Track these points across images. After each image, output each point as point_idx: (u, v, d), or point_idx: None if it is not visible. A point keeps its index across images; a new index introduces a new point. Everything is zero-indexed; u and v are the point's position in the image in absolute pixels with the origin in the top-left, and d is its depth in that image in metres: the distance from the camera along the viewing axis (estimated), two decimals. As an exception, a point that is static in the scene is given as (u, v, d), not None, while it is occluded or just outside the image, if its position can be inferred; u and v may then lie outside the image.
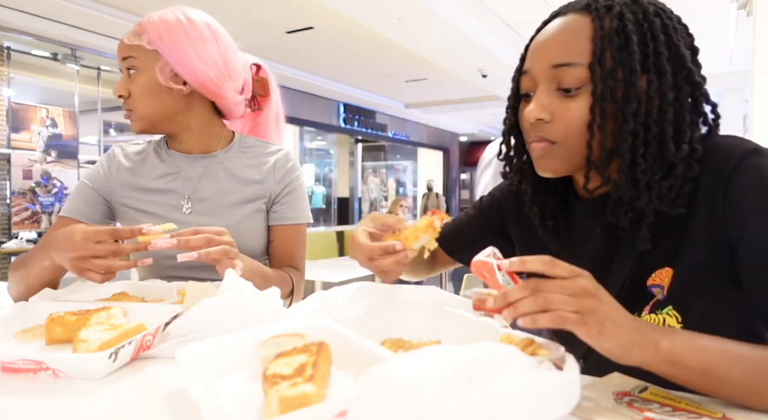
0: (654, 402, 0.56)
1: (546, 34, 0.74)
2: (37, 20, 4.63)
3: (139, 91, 1.11)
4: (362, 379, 0.41)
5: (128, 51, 1.10)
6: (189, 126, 1.19)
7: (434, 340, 0.68)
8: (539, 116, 0.71)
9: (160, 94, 1.12)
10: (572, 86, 0.69)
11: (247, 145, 1.25)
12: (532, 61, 0.75)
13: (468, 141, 14.87)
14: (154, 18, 1.10)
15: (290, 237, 1.23)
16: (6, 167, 5.22)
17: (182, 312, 0.80)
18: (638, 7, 0.70)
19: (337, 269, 4.31)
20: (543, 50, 0.73)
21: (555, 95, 0.71)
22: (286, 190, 1.23)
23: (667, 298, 0.70)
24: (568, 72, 0.69)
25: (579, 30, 0.70)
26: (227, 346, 0.63)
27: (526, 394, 0.43)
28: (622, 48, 0.67)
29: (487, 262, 0.58)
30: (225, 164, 1.21)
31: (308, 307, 0.77)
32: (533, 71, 0.74)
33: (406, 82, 7.97)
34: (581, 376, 0.49)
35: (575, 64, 0.69)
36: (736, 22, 4.17)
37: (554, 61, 0.71)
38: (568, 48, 0.70)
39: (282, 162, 1.23)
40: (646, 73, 0.68)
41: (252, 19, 5.03)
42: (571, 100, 0.70)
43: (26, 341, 0.77)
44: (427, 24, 5.02)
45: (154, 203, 1.18)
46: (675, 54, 0.69)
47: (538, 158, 0.75)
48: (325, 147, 11.63)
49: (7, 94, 5.27)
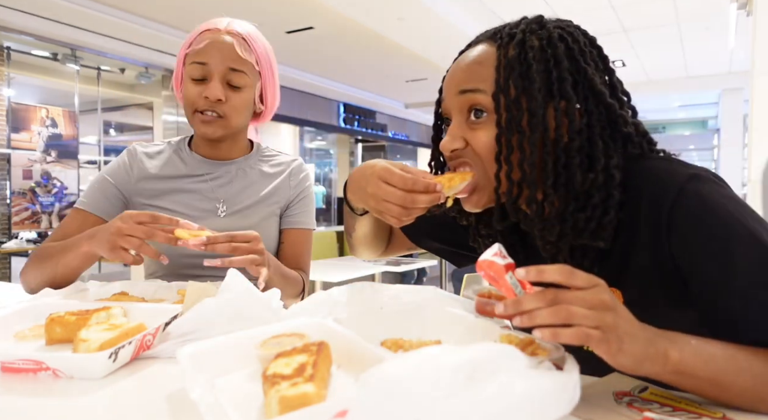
0: (654, 402, 0.56)
1: (458, 62, 0.74)
2: (37, 20, 4.63)
3: (242, 104, 1.16)
4: (362, 379, 0.41)
5: (241, 64, 1.13)
6: (236, 137, 1.26)
7: (434, 340, 0.68)
8: (452, 147, 0.71)
9: (249, 111, 1.20)
10: (480, 113, 0.69)
11: (265, 154, 1.33)
12: (445, 88, 0.75)
13: (468, 141, 14.88)
14: (255, 37, 1.18)
15: (299, 240, 1.29)
16: (6, 167, 5.22)
17: (182, 312, 0.80)
18: (544, 33, 0.69)
19: (337, 269, 4.30)
20: (452, 77, 0.74)
21: (465, 124, 0.71)
22: (300, 196, 1.30)
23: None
24: (473, 98, 0.69)
25: (485, 58, 0.70)
26: (227, 346, 0.63)
27: (526, 394, 0.43)
28: (524, 76, 0.66)
29: (495, 262, 0.53)
30: (246, 170, 1.27)
31: (308, 307, 0.77)
32: (446, 99, 0.74)
33: (406, 82, 7.97)
34: (581, 376, 0.49)
35: (479, 90, 0.69)
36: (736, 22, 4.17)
37: (460, 87, 0.71)
38: (474, 75, 0.70)
39: (297, 170, 1.32)
40: (552, 100, 0.67)
41: (252, 19, 5.01)
42: (478, 128, 0.70)
43: (26, 341, 0.77)
44: (427, 24, 5.02)
45: (184, 204, 1.20)
46: (581, 78, 0.67)
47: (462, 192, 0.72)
48: (325, 147, 11.63)
49: (7, 94, 5.27)
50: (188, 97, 1.14)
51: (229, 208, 1.22)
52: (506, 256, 0.54)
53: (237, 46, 1.13)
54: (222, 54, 1.12)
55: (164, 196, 1.21)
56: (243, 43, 1.15)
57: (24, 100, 5.75)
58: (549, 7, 4.91)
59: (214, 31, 1.15)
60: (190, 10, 4.74)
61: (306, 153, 10.60)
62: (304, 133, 9.69)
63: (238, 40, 1.14)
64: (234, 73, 1.13)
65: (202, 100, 1.12)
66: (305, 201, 1.31)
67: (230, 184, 1.24)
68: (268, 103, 1.25)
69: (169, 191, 1.21)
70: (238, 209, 1.23)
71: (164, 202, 1.21)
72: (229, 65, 1.12)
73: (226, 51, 1.12)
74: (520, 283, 0.53)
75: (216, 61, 1.12)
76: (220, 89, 1.12)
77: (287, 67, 6.94)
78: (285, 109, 8.03)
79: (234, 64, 1.13)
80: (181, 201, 1.21)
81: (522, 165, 0.66)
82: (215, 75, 1.12)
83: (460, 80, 0.71)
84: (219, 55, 1.12)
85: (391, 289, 0.82)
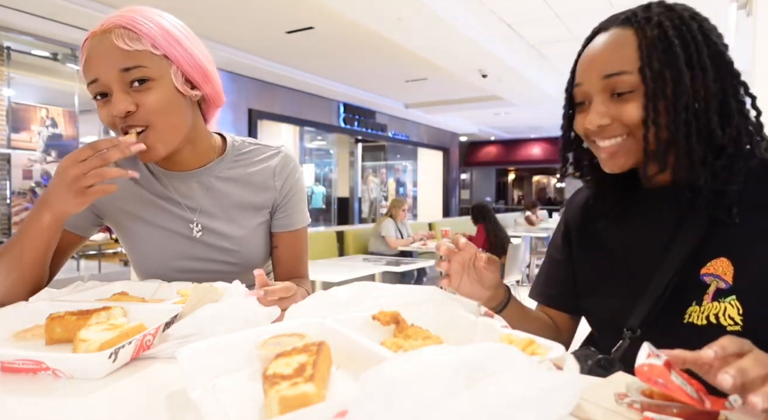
0: (655, 403, 0.56)
1: (594, 49, 0.82)
2: (37, 20, 4.63)
3: (159, 103, 0.95)
4: (362, 379, 0.41)
5: (133, 59, 0.93)
6: (193, 140, 1.08)
7: (434, 340, 0.68)
8: (600, 123, 0.80)
9: (180, 104, 1.00)
10: (625, 91, 0.78)
11: (242, 151, 1.17)
12: (583, 75, 0.83)
13: (468, 141, 14.88)
14: (142, 18, 0.95)
15: (295, 243, 1.22)
16: (6, 167, 5.22)
17: (183, 312, 0.80)
18: (674, 14, 0.79)
19: (337, 269, 4.30)
20: (593, 64, 0.81)
21: (610, 101, 0.80)
22: (288, 196, 1.19)
23: (732, 288, 0.74)
24: (619, 80, 0.78)
25: (625, 41, 0.78)
26: (227, 346, 0.63)
27: (526, 394, 0.43)
28: (667, 51, 0.76)
29: (654, 364, 0.49)
30: (221, 176, 1.14)
31: (308, 307, 0.77)
32: (586, 84, 0.82)
33: (406, 82, 7.97)
34: (582, 376, 0.49)
35: (625, 72, 0.77)
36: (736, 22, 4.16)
37: (605, 72, 0.79)
38: (617, 59, 0.78)
39: (281, 166, 1.17)
40: (691, 70, 0.76)
41: (252, 19, 5.03)
42: (625, 103, 0.78)
43: (26, 341, 0.77)
44: (427, 24, 5.01)
45: (156, 225, 1.12)
46: (714, 51, 0.77)
47: (608, 158, 0.83)
48: (325, 147, 11.63)
49: (7, 94, 5.27)
50: (103, 122, 0.97)
51: (204, 227, 1.11)
52: (660, 355, 0.51)
53: (120, 41, 0.92)
54: (107, 59, 0.93)
55: (134, 211, 1.11)
56: (126, 32, 0.93)
57: (24, 100, 5.74)
58: (549, 7, 4.91)
59: (91, 38, 0.96)
60: (189, 11, 4.74)
61: (306, 153, 10.60)
62: (304, 133, 9.69)
63: (119, 33, 0.93)
64: (130, 73, 0.93)
65: (117, 120, 0.95)
66: (295, 199, 1.20)
67: (203, 198, 1.12)
68: (200, 82, 1.02)
69: (140, 204, 1.11)
70: (214, 227, 1.12)
71: (137, 224, 1.11)
72: (119, 67, 0.92)
73: (110, 53, 0.92)
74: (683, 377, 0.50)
75: (104, 71, 0.93)
76: (123, 99, 0.93)
77: (287, 67, 6.94)
78: (285, 109, 8.03)
79: (124, 63, 0.92)
80: (153, 221, 1.11)
81: (669, 126, 0.76)
82: (112, 86, 0.93)
83: (603, 66, 0.79)
84: (104, 63, 0.93)
85: (391, 289, 0.82)
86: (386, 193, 12.60)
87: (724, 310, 0.74)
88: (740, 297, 0.73)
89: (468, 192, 15.95)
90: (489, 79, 7.01)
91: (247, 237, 1.14)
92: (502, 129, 13.21)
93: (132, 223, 1.12)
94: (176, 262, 1.12)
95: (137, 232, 1.12)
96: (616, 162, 0.82)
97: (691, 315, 0.77)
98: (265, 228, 1.19)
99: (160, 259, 1.12)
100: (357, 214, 10.78)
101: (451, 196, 12.70)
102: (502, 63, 6.34)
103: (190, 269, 1.12)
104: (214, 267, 1.13)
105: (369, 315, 0.71)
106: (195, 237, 1.12)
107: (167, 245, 1.12)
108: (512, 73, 6.83)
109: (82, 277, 4.38)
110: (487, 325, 0.66)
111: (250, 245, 1.15)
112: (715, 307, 0.75)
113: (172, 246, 1.12)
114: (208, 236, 1.12)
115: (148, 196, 1.12)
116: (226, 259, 1.14)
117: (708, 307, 0.75)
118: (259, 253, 1.18)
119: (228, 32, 5.41)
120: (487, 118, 11.23)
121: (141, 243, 1.13)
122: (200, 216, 1.12)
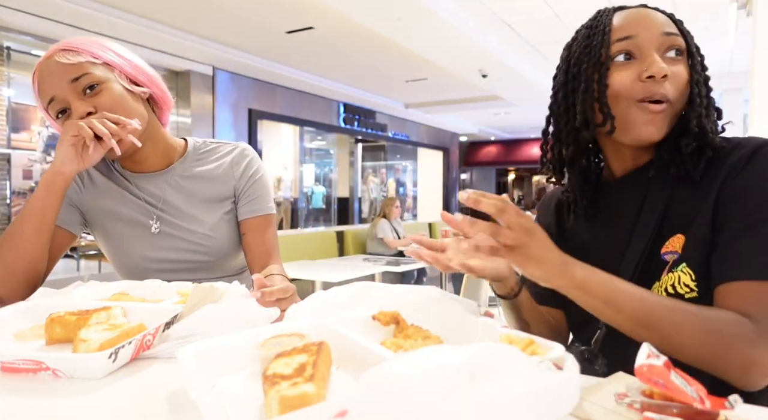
0: (655, 403, 0.56)
1: (645, 9, 0.86)
2: (37, 20, 4.63)
3: (113, 101, 1.07)
4: (362, 379, 0.41)
5: (78, 70, 1.05)
6: (152, 137, 1.19)
7: (435, 340, 0.68)
8: (667, 72, 0.80)
9: (131, 101, 1.11)
10: (679, 51, 0.82)
11: (203, 151, 1.28)
12: (639, 28, 0.83)
13: (468, 141, 14.87)
14: (77, 41, 1.09)
15: (261, 229, 1.25)
16: (6, 167, 5.22)
17: (183, 312, 0.80)
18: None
19: (337, 269, 4.30)
20: (654, 19, 0.84)
21: (663, 59, 0.81)
22: (249, 183, 1.25)
23: (681, 256, 0.78)
24: (676, 40, 0.82)
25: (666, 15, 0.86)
26: (227, 346, 0.63)
27: (526, 394, 0.43)
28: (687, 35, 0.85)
29: (653, 364, 0.49)
30: (185, 175, 1.23)
31: (308, 307, 0.77)
32: (642, 36, 0.82)
33: (406, 82, 7.97)
34: (582, 376, 0.49)
35: (678, 34, 0.83)
36: (736, 22, 4.17)
37: (665, 29, 0.82)
38: (669, 23, 0.84)
39: (238, 158, 1.26)
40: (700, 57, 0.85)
41: (252, 19, 5.03)
42: (678, 63, 0.82)
43: (26, 341, 0.77)
44: (427, 24, 5.01)
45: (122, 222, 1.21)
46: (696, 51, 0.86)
47: (651, 121, 0.81)
48: (325, 147, 11.63)
49: (7, 94, 5.27)
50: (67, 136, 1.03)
51: (163, 224, 1.20)
52: (659, 355, 0.52)
53: (63, 58, 1.05)
54: (56, 77, 1.05)
55: (103, 210, 1.21)
56: (66, 52, 1.06)
57: (24, 100, 5.74)
58: (549, 7, 4.91)
59: (38, 68, 1.08)
60: (190, 11, 4.74)
61: (306, 153, 10.60)
62: (304, 133, 9.69)
63: (60, 54, 1.06)
64: (79, 82, 1.05)
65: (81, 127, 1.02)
66: (256, 186, 1.26)
67: (166, 196, 1.21)
68: (144, 81, 1.15)
69: (107, 204, 1.21)
70: (173, 222, 1.20)
71: (102, 216, 1.21)
72: (68, 79, 1.05)
73: (57, 71, 1.05)
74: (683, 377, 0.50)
75: (57, 87, 1.05)
76: (81, 104, 1.05)
77: (287, 67, 6.93)
78: (285, 109, 8.03)
79: (71, 75, 1.05)
80: (116, 215, 1.20)
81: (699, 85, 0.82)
82: (67, 97, 1.06)
83: (662, 24, 0.83)
84: (55, 80, 1.05)
85: (391, 289, 0.82)
86: (386, 193, 12.59)
87: (678, 279, 0.77)
88: (689, 264, 0.76)
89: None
90: (489, 79, 7.01)
91: (213, 228, 1.21)
92: (502, 129, 13.20)
93: (107, 220, 1.21)
94: (143, 262, 1.20)
95: (109, 228, 1.21)
96: (659, 126, 0.82)
97: (653, 291, 0.79)
98: (231, 218, 1.25)
99: (132, 254, 1.20)
100: (357, 214, 10.78)
101: (451, 196, 12.69)
102: (502, 63, 6.34)
103: (162, 259, 1.20)
104: (185, 256, 1.21)
105: (369, 315, 0.71)
106: (155, 233, 1.20)
107: (136, 240, 1.20)
108: (512, 73, 6.82)
109: (82, 277, 4.38)
110: (487, 325, 0.66)
111: (218, 237, 1.22)
112: (671, 278, 0.78)
113: (141, 241, 1.20)
114: (172, 231, 1.20)
115: (121, 194, 1.21)
116: (197, 249, 1.21)
117: (665, 279, 0.79)
118: (228, 243, 1.24)
119: (228, 32, 5.42)
120: (487, 118, 11.22)
121: (113, 238, 1.22)
122: (164, 213, 1.21)
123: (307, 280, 4.09)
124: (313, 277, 3.97)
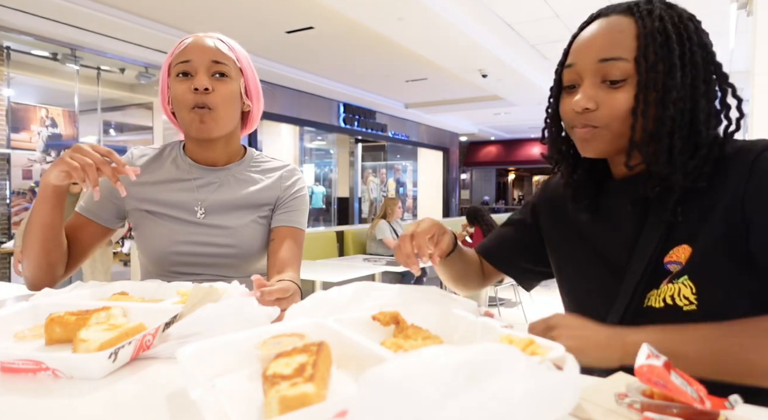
0: (655, 403, 0.56)
1: (591, 32, 0.83)
2: (37, 20, 4.63)
3: (228, 94, 1.21)
4: (362, 379, 0.41)
5: (224, 58, 1.21)
6: (230, 139, 1.30)
7: (435, 340, 0.68)
8: (586, 106, 0.80)
9: (237, 104, 1.25)
10: (618, 78, 0.78)
11: (257, 160, 1.38)
12: (578, 56, 0.83)
13: (468, 141, 14.88)
14: (232, 42, 1.26)
15: (290, 239, 1.30)
16: (6, 167, 5.23)
17: (183, 312, 0.80)
18: (674, 12, 0.80)
19: (337, 269, 4.31)
20: (589, 46, 0.82)
21: (600, 87, 0.80)
22: (291, 196, 1.34)
23: (684, 268, 0.76)
24: (614, 65, 0.78)
25: (624, 28, 0.79)
26: (227, 346, 0.63)
27: (526, 394, 0.43)
28: (663, 45, 0.77)
29: (653, 365, 0.49)
30: (236, 177, 1.32)
31: (308, 307, 0.77)
32: (579, 65, 0.82)
33: (406, 82, 7.97)
34: (582, 376, 0.49)
35: (621, 58, 0.78)
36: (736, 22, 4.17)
37: (601, 56, 0.79)
38: (615, 44, 0.79)
39: (288, 174, 1.36)
40: (683, 67, 0.77)
41: (252, 19, 5.03)
42: (616, 91, 0.79)
43: (26, 341, 0.77)
44: (427, 24, 5.02)
45: (165, 204, 1.26)
46: (707, 53, 0.79)
47: (584, 142, 0.84)
48: (325, 147, 11.64)
49: (7, 94, 5.28)
50: (177, 95, 1.19)
51: (207, 211, 1.26)
52: (659, 355, 0.51)
53: (218, 44, 1.21)
54: (204, 50, 1.19)
55: (151, 198, 1.26)
56: (222, 43, 1.22)
57: (24, 100, 5.75)
58: (549, 7, 4.91)
59: (194, 37, 1.22)
60: (190, 11, 4.74)
61: (306, 153, 10.61)
62: (304, 133, 9.70)
63: (217, 41, 1.22)
64: (218, 65, 1.20)
65: (191, 94, 1.17)
66: (296, 202, 1.34)
67: (216, 189, 1.28)
68: (253, 100, 1.30)
69: (156, 193, 1.27)
70: (217, 213, 1.26)
71: (149, 204, 1.26)
72: (211, 58, 1.19)
73: (208, 48, 1.20)
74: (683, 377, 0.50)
75: (199, 57, 1.19)
76: (206, 79, 1.18)
77: (287, 67, 6.94)
78: (285, 109, 8.03)
79: (216, 57, 1.19)
80: (164, 201, 1.26)
81: (656, 120, 0.77)
82: (200, 69, 1.18)
83: (600, 49, 0.80)
84: (201, 52, 1.19)
85: (391, 289, 0.82)
86: (386, 193, 12.60)
87: (678, 290, 0.76)
88: (692, 277, 0.75)
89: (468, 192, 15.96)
90: (489, 79, 7.02)
91: (245, 227, 1.27)
92: (502, 129, 13.21)
93: (146, 205, 1.27)
94: (179, 247, 1.24)
95: (149, 214, 1.26)
96: (594, 147, 0.83)
97: (650, 299, 0.79)
98: (265, 223, 1.31)
99: (165, 241, 1.24)
100: (357, 214, 10.78)
101: (451, 196, 12.70)
102: (502, 63, 6.34)
103: (191, 253, 1.24)
104: (213, 250, 1.24)
105: (369, 315, 0.71)
106: (198, 220, 1.25)
107: (179, 225, 1.25)
108: (512, 73, 6.83)
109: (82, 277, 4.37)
110: (487, 325, 0.66)
111: (247, 237, 1.27)
112: (671, 289, 0.77)
113: (178, 228, 1.25)
114: (211, 220, 1.25)
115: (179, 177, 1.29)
116: (228, 243, 1.25)
117: (664, 289, 0.77)
118: (256, 245, 1.29)
119: (228, 32, 5.39)
120: (487, 118, 11.23)
121: (150, 225, 1.26)
122: (208, 204, 1.26)
123: (307, 280, 4.09)
124: (313, 277, 3.97)
